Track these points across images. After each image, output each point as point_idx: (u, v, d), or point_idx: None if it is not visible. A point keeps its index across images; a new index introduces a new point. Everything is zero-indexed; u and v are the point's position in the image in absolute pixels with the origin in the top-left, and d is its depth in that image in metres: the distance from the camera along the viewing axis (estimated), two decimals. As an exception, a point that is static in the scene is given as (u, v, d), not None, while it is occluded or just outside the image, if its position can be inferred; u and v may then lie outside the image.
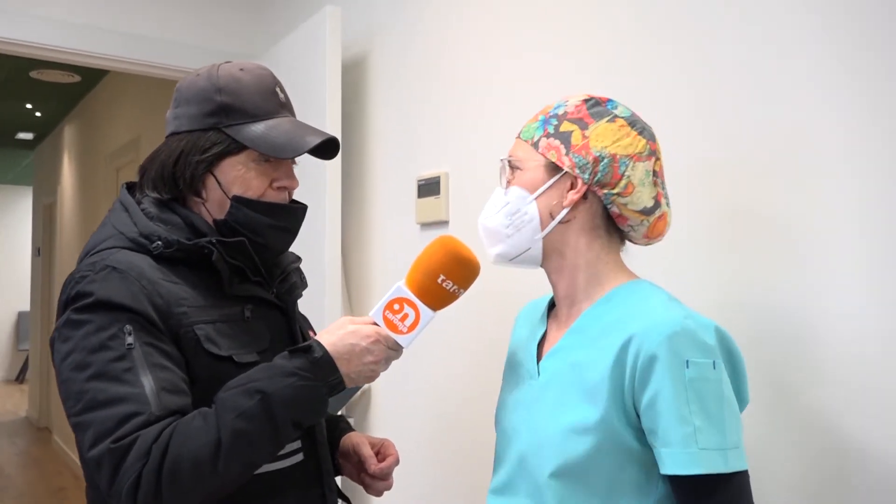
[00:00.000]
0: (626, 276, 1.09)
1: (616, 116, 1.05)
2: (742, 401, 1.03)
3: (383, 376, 2.10)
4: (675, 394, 0.92)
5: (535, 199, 1.06)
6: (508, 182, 1.09)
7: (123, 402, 1.00)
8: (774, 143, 1.22)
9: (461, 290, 1.10)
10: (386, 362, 1.11)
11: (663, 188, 1.09)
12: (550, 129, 1.06)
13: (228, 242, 1.16)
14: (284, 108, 1.23)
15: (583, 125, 1.05)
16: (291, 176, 1.23)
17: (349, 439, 1.35)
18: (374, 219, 2.25)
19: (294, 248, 2.36)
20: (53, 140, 7.34)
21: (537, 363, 1.10)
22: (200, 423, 1.01)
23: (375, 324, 1.11)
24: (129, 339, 1.04)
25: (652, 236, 1.11)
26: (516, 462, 1.07)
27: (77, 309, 1.06)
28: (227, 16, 2.83)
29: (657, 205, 1.07)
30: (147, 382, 1.02)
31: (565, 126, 1.05)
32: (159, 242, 1.13)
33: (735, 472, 0.93)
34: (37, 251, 7.90)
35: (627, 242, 1.13)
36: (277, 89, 1.23)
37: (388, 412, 2.17)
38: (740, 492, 0.93)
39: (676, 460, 0.92)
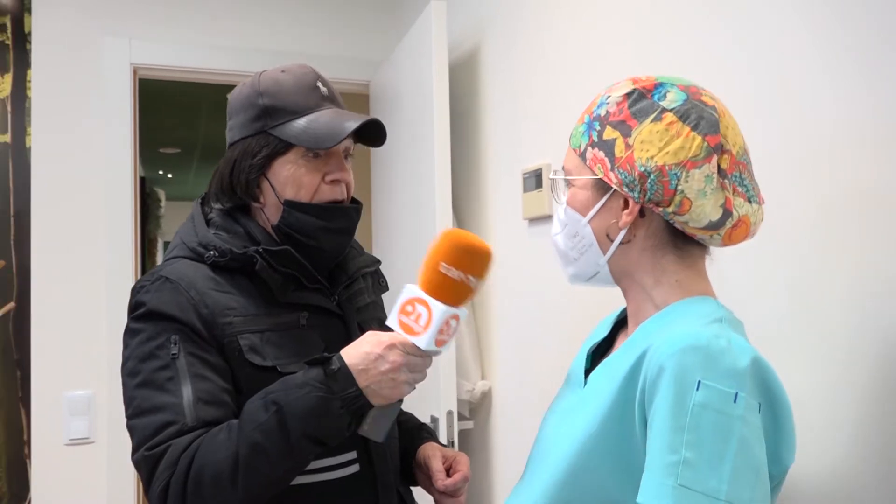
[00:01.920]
0: (695, 291, 0.92)
1: (664, 111, 0.87)
2: (780, 462, 0.80)
3: (505, 379, 2.07)
4: (673, 416, 0.75)
5: (589, 222, 0.94)
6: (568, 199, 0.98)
7: (162, 410, 1.03)
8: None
9: (472, 278, 1.01)
10: (409, 370, 1.02)
11: (741, 183, 0.89)
12: (595, 137, 0.92)
13: (274, 251, 1.15)
14: (327, 100, 1.20)
15: (625, 131, 0.89)
16: (343, 168, 1.20)
17: (423, 450, 1.30)
18: (488, 217, 2.18)
19: (406, 250, 2.36)
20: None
21: (586, 373, 0.98)
22: (224, 436, 1.01)
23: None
24: (174, 349, 1.07)
25: (731, 244, 0.93)
26: (535, 469, 0.97)
27: (133, 318, 1.12)
28: (365, 25, 2.90)
29: (726, 214, 0.87)
30: (186, 392, 1.04)
31: (608, 133, 0.90)
32: (212, 252, 1.15)
33: None
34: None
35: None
36: (319, 83, 1.21)
37: (510, 418, 2.09)
38: None
39: (648, 489, 0.75)
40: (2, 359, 2.61)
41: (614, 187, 0.91)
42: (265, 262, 1.13)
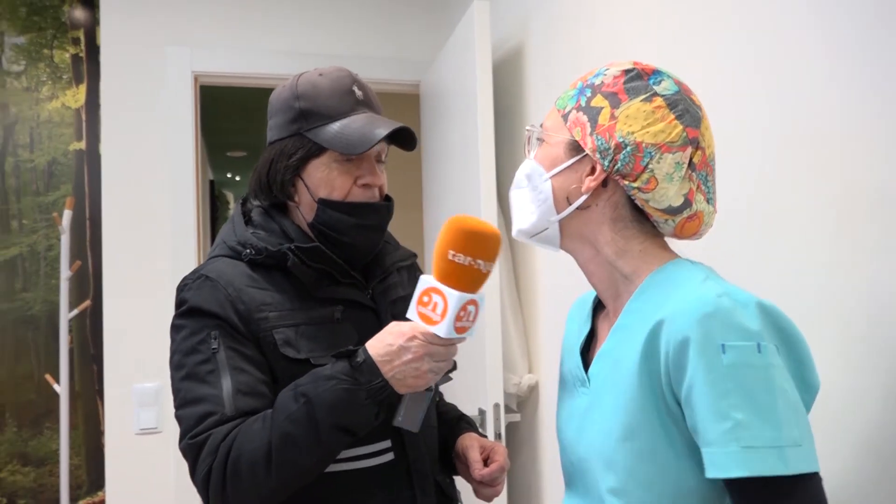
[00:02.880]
0: (663, 258, 0.95)
1: (655, 94, 0.91)
2: (809, 387, 0.85)
3: (551, 373, 2.08)
4: (711, 384, 0.78)
5: (550, 178, 0.96)
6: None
7: (203, 401, 1.09)
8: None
9: (482, 262, 1.00)
10: (431, 359, 1.04)
11: (705, 183, 0.92)
12: (582, 102, 0.95)
13: (305, 248, 1.19)
14: (362, 104, 1.23)
15: (615, 102, 0.92)
16: (374, 172, 1.24)
17: (462, 441, 1.33)
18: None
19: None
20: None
21: (585, 368, 0.99)
22: (259, 425, 1.06)
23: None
24: (215, 344, 1.13)
25: (681, 236, 0.95)
26: (579, 478, 0.98)
27: (177, 315, 1.19)
28: (414, 27, 2.94)
29: (686, 203, 0.91)
30: (226, 385, 1.10)
31: (597, 100, 0.93)
32: (249, 251, 1.20)
33: (799, 475, 0.75)
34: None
35: None
36: (355, 87, 1.24)
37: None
38: (809, 499, 0.76)
39: (715, 461, 0.78)
40: (79, 355, 2.77)
41: (587, 151, 0.93)
42: (297, 258, 1.18)
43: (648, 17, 1.62)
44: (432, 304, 1.02)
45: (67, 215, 2.53)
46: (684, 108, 0.91)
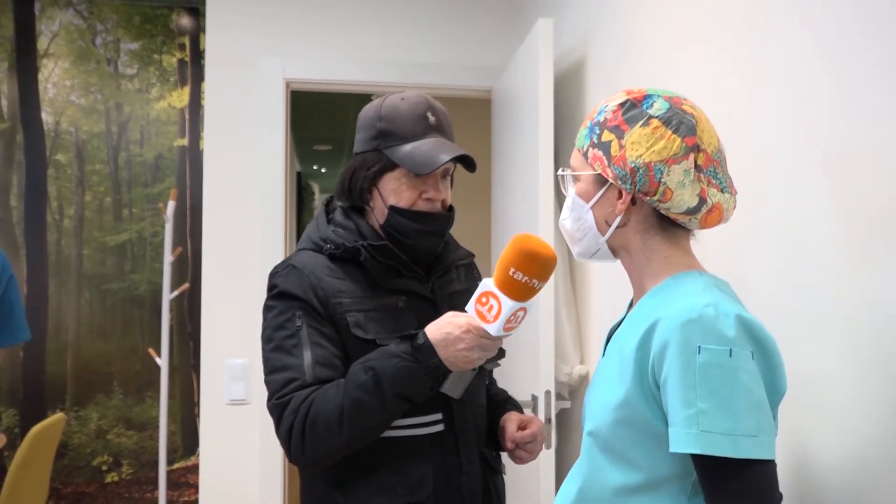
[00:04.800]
0: (683, 266, 1.10)
1: (650, 118, 1.06)
2: (777, 390, 1.01)
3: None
4: (682, 377, 0.95)
5: (591, 208, 1.13)
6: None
7: (288, 370, 1.32)
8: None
9: (536, 281, 1.20)
10: (481, 349, 1.25)
11: (715, 177, 1.07)
12: (595, 139, 1.11)
13: (375, 245, 1.40)
14: (433, 129, 1.42)
15: (619, 134, 1.07)
16: (437, 189, 1.43)
17: (504, 418, 1.53)
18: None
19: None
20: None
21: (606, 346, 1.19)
22: (334, 391, 1.28)
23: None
24: (299, 322, 1.35)
25: (707, 227, 1.11)
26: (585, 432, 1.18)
27: (269, 297, 1.42)
28: (486, 36, 3.10)
29: (701, 201, 1.06)
30: (307, 356, 1.32)
31: (605, 135, 1.09)
32: (329, 245, 1.42)
33: (750, 459, 0.92)
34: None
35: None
36: (429, 114, 1.42)
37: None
38: (758, 480, 0.93)
39: (676, 439, 0.95)
40: (178, 332, 3.08)
41: (610, 181, 1.09)
42: (369, 254, 1.38)
43: (706, 36, 1.69)
44: (489, 305, 1.23)
45: (171, 205, 2.79)
46: (678, 121, 1.05)
